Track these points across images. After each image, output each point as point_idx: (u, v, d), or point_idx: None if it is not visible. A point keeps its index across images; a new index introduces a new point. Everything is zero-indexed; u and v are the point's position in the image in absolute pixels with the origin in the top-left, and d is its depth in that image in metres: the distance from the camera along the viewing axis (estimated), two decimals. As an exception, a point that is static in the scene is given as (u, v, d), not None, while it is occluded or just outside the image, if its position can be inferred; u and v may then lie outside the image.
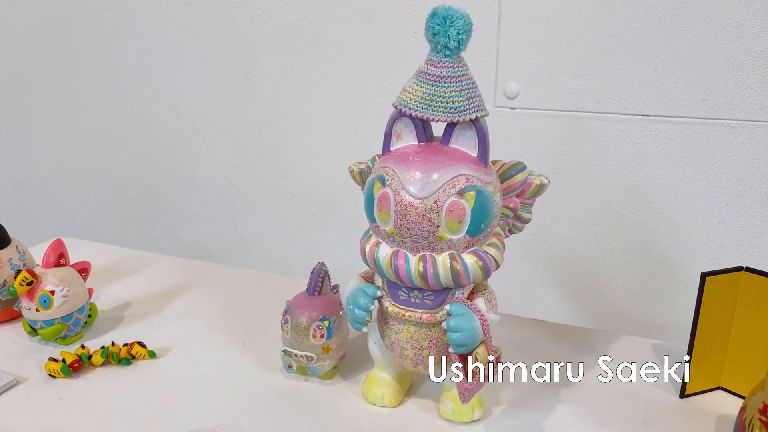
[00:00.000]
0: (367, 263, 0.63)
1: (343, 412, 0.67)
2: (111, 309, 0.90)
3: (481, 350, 0.59)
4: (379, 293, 0.62)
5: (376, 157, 0.68)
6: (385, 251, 0.61)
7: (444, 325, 0.59)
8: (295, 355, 0.70)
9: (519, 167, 0.63)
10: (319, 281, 0.72)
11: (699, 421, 0.66)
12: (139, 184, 1.46)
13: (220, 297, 0.94)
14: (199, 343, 0.81)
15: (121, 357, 0.76)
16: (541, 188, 0.63)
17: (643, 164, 1.04)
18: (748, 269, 0.66)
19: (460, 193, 0.57)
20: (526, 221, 0.66)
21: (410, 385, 0.72)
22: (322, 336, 0.70)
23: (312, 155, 1.25)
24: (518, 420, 0.66)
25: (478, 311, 0.59)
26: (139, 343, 0.77)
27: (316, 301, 0.71)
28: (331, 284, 0.75)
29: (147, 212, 1.47)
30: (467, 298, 0.61)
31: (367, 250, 0.62)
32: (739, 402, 0.65)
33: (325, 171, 1.24)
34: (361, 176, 0.68)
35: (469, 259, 0.59)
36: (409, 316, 0.61)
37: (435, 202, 0.57)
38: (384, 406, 0.68)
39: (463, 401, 0.61)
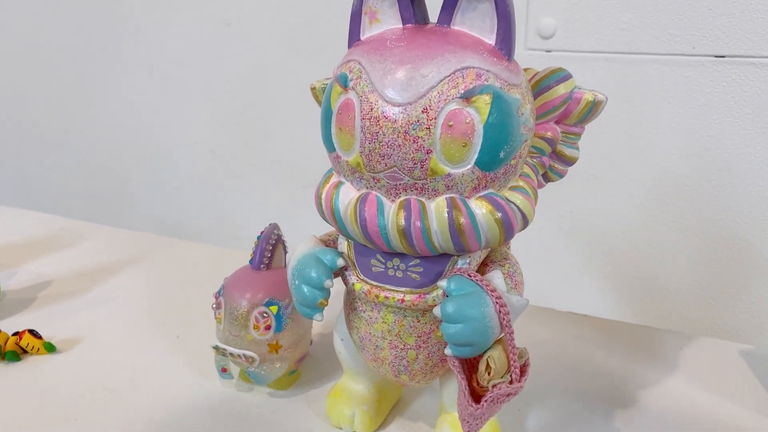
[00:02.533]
0: (323, 216, 0.41)
1: (292, 440, 0.46)
2: (23, 289, 0.70)
3: (496, 353, 0.37)
4: (340, 262, 0.41)
5: (349, 67, 0.46)
6: (347, 195, 0.39)
7: (437, 311, 0.37)
8: (231, 355, 0.49)
9: (560, 75, 0.41)
10: (268, 250, 0.50)
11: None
12: (106, 152, 1.26)
13: (164, 278, 0.73)
14: (121, 335, 0.60)
15: (7, 350, 0.55)
16: (595, 107, 0.41)
17: (714, 120, 0.81)
18: None
19: (466, 97, 0.35)
20: (570, 162, 0.44)
21: (396, 401, 0.50)
22: (267, 328, 0.48)
23: (305, 116, 1.03)
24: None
25: (493, 291, 0.36)
26: (32, 332, 0.56)
27: (262, 278, 0.50)
28: (287, 255, 0.53)
29: (114, 184, 1.27)
30: (476, 272, 0.39)
31: (323, 196, 0.40)
32: None
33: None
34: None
35: (480, 208, 0.37)
36: (386, 297, 0.39)
37: (425, 111, 0.35)
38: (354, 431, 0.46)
39: (465, 429, 0.39)
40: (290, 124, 1.09)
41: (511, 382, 0.37)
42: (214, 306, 0.50)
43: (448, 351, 0.37)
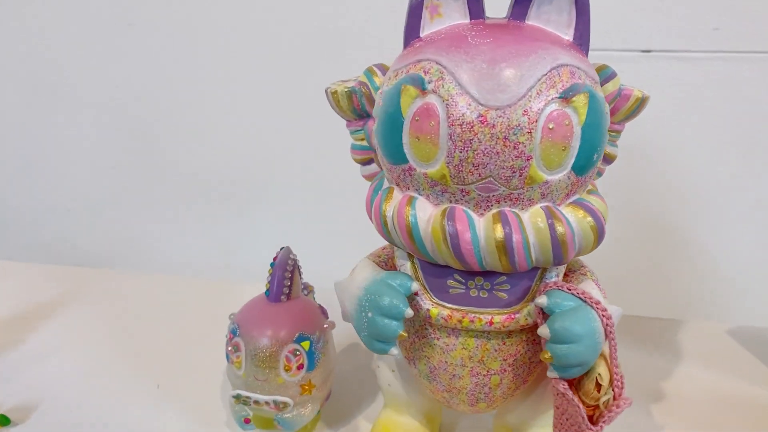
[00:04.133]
0: (389, 236, 0.36)
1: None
2: (-69, 350, 0.57)
3: (602, 369, 0.34)
4: (414, 287, 0.36)
5: (374, 68, 0.41)
6: (427, 212, 0.34)
7: (543, 332, 0.34)
8: (256, 403, 0.42)
9: (607, 72, 0.39)
10: (287, 278, 0.44)
11: None
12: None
13: (111, 317, 0.63)
14: (85, 393, 0.51)
15: (-55, 433, 0.44)
16: (642, 103, 0.40)
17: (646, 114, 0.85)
18: None
19: (565, 97, 0.32)
20: (611, 160, 0.42)
21: (439, 426, 0.46)
22: (300, 367, 0.42)
23: (222, 126, 0.94)
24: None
25: (597, 303, 0.34)
26: (-23, 405, 0.46)
27: (286, 311, 0.43)
28: (302, 282, 0.48)
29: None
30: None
31: (389, 213, 0.36)
32: None
33: (243, 143, 0.95)
34: (350, 100, 0.41)
35: (574, 215, 0.34)
36: (471, 321, 0.36)
37: (525, 114, 0.31)
38: (413, 472, 0.42)
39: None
40: (206, 134, 1.00)
41: (614, 397, 0.35)
42: (231, 349, 0.43)
43: (553, 374, 0.34)
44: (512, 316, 0.36)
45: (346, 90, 0.41)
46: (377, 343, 0.36)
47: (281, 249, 0.46)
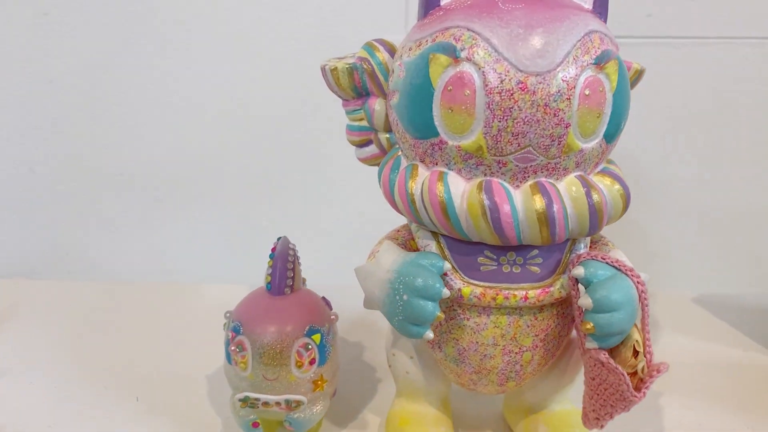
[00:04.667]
0: (417, 215, 0.34)
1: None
2: None
3: (637, 336, 0.34)
4: (447, 266, 0.35)
5: (376, 44, 0.39)
6: (460, 187, 0.33)
7: (585, 302, 0.33)
8: (265, 404, 0.39)
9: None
10: (290, 269, 0.42)
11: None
12: None
13: (63, 327, 0.57)
14: (56, 416, 0.45)
15: None
16: (640, 75, 0.41)
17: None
18: None
19: (598, 63, 0.32)
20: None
21: (451, 411, 0.45)
22: (312, 362, 0.40)
23: (149, 119, 0.88)
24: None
25: (631, 270, 0.34)
26: (-68, 438, 0.40)
27: (292, 304, 0.41)
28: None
29: None
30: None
31: (416, 191, 0.34)
32: None
33: (176, 138, 0.89)
34: (351, 77, 0.39)
35: (603, 184, 0.34)
36: (505, 297, 0.35)
37: (564, 80, 0.31)
38: (434, 460, 0.41)
39: (595, 426, 0.37)
40: (132, 129, 0.93)
41: (648, 363, 0.35)
42: (234, 349, 0.39)
43: (592, 344, 0.34)
44: (546, 290, 0.35)
45: (347, 66, 0.39)
46: (413, 327, 0.34)
47: (278, 239, 0.43)
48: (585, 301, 0.33)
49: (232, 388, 0.41)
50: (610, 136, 0.33)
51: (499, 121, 0.31)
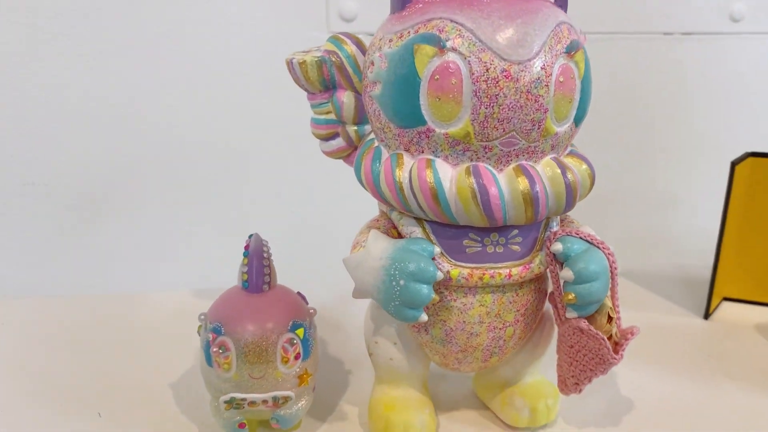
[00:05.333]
0: (405, 202, 0.35)
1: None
2: None
3: (609, 303, 0.37)
4: (437, 250, 0.36)
5: (343, 37, 0.40)
6: (447, 173, 0.34)
7: (566, 275, 0.36)
8: (252, 404, 0.39)
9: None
10: (266, 266, 0.41)
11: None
12: None
13: (8, 343, 0.53)
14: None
15: None
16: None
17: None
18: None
19: (569, 52, 0.34)
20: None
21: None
22: (297, 357, 0.40)
23: (58, 123, 0.83)
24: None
25: (602, 243, 0.37)
26: None
27: (272, 301, 0.40)
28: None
29: None
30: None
31: (404, 179, 0.35)
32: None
33: (92, 141, 0.84)
34: (320, 70, 0.39)
35: (576, 165, 0.37)
36: (491, 277, 0.36)
37: (543, 68, 0.33)
38: (421, 441, 0.42)
39: (574, 391, 0.40)
40: (40, 134, 0.87)
41: (618, 328, 0.38)
42: (217, 350, 0.38)
43: (572, 314, 0.36)
44: (527, 267, 0.37)
45: (315, 59, 0.39)
46: (409, 311, 0.35)
47: (250, 237, 0.42)
48: (566, 273, 0.35)
49: (213, 391, 0.40)
50: (579, 120, 0.36)
51: (486, 108, 0.33)
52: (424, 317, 0.35)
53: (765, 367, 0.51)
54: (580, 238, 0.37)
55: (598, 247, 0.36)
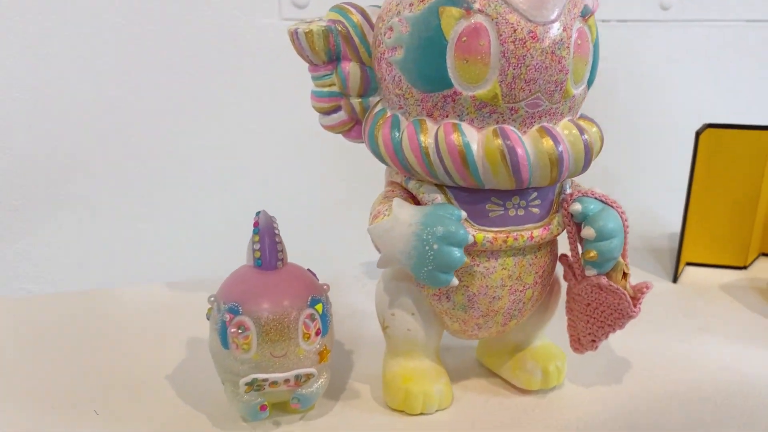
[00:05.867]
0: (430, 168, 0.35)
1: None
2: None
3: (623, 260, 0.39)
4: (464, 214, 0.36)
5: (348, 6, 0.40)
6: (475, 135, 0.35)
7: (588, 233, 0.37)
8: (274, 384, 0.38)
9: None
10: (278, 242, 0.40)
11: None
12: None
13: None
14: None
15: None
16: None
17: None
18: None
19: (584, 16, 0.35)
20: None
21: (435, 367, 0.46)
22: (318, 333, 0.39)
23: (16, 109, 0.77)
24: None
25: (614, 202, 0.38)
26: None
27: (288, 277, 0.39)
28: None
29: None
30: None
31: (429, 144, 0.35)
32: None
33: (31, 137, 0.78)
34: (326, 40, 0.39)
35: (588, 127, 0.38)
36: (515, 239, 0.37)
37: (564, 30, 0.34)
38: (440, 409, 0.42)
39: (590, 349, 0.41)
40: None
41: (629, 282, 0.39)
42: (236, 331, 0.37)
43: (592, 272, 0.38)
44: (547, 228, 0.38)
45: (322, 29, 0.39)
46: (441, 275, 0.35)
47: (257, 214, 0.41)
48: (588, 232, 0.36)
49: (229, 375, 0.38)
50: (590, 83, 0.37)
51: (514, 69, 0.33)
52: (455, 281, 0.35)
53: (733, 321, 0.54)
54: (595, 198, 0.38)
55: (612, 207, 0.38)
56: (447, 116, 0.35)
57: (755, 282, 0.62)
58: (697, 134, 0.58)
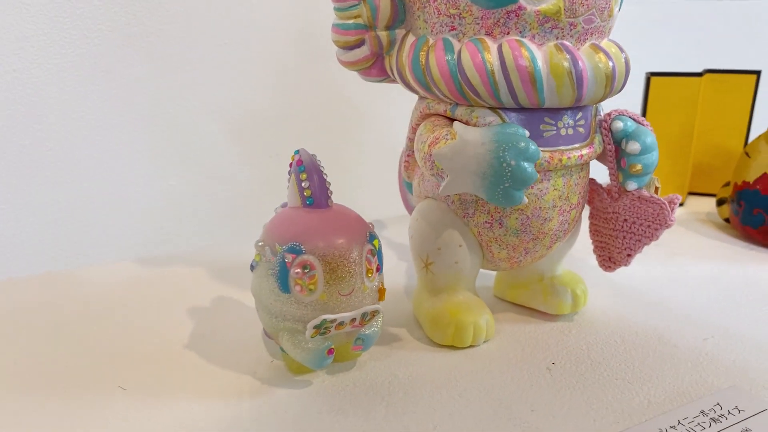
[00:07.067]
0: (494, 87, 0.35)
1: (459, 384, 0.38)
2: None
3: (654, 176, 0.41)
4: (527, 132, 0.36)
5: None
6: (538, 51, 0.35)
7: (633, 147, 0.38)
8: (341, 325, 0.36)
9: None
10: (326, 181, 0.38)
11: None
12: None
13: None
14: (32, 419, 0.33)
15: None
16: None
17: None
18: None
19: (620, -60, 0.37)
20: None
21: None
22: (378, 269, 0.37)
23: None
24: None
25: (643, 119, 0.40)
26: None
27: (342, 214, 0.37)
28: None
29: None
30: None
31: (494, 62, 0.35)
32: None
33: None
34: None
35: (618, 51, 0.39)
36: (568, 158, 0.38)
37: (613, -51, 0.35)
38: (486, 341, 0.42)
39: (624, 264, 0.43)
40: None
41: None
42: (301, 272, 0.34)
43: (633, 185, 0.40)
44: (591, 147, 0.39)
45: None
46: (516, 193, 0.35)
47: (296, 152, 0.38)
48: (634, 146, 0.38)
49: (287, 322, 0.36)
50: (620, 6, 0.39)
51: (576, -16, 0.34)
52: (525, 199, 0.35)
53: (696, 245, 0.60)
54: (630, 117, 0.40)
55: (643, 125, 0.40)
56: (508, 33, 0.35)
57: (697, 216, 0.69)
58: (647, 79, 0.63)
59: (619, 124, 0.39)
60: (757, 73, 0.69)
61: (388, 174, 0.77)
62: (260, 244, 0.36)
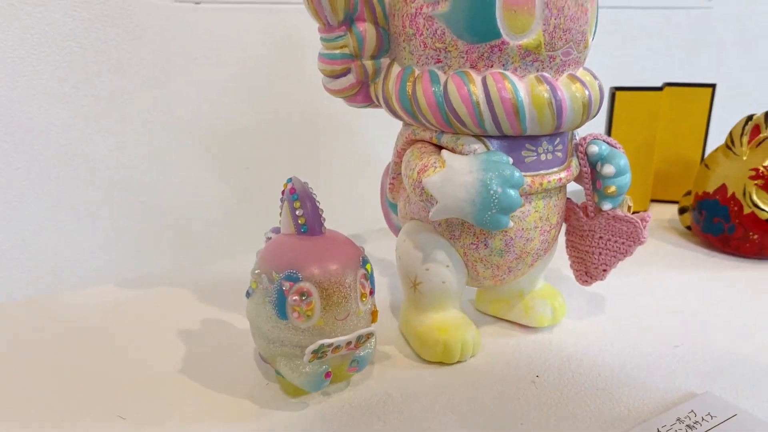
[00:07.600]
0: (479, 118, 0.37)
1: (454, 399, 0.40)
2: None
3: (626, 196, 0.44)
4: (510, 159, 0.38)
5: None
6: (520, 83, 0.37)
7: (608, 170, 0.41)
8: (337, 348, 0.37)
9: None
10: (318, 208, 0.39)
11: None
12: None
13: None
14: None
15: None
16: None
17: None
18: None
19: (593, -26, 0.39)
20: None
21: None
22: (371, 292, 0.39)
23: None
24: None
25: (616, 143, 0.43)
26: None
27: (336, 240, 0.38)
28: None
29: None
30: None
31: (480, 96, 0.36)
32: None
33: None
34: None
35: (593, 79, 0.42)
36: (548, 182, 0.40)
37: (587, -15, 0.37)
38: (472, 356, 0.44)
39: (600, 278, 0.45)
40: None
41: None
42: (298, 299, 0.35)
43: (608, 206, 0.42)
44: (569, 170, 0.41)
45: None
46: (503, 218, 0.37)
47: (289, 180, 0.39)
48: (609, 169, 0.41)
49: (285, 348, 0.37)
50: (593, 38, 0.41)
51: (555, 19, 0.36)
52: (511, 223, 0.37)
53: (661, 253, 0.63)
54: (603, 140, 0.42)
55: (616, 148, 0.42)
56: (492, 66, 0.37)
57: (660, 222, 0.72)
58: (612, 94, 0.66)
59: (594, 148, 0.41)
60: (713, 86, 0.73)
61: (364, 187, 0.78)
62: (257, 272, 0.37)
